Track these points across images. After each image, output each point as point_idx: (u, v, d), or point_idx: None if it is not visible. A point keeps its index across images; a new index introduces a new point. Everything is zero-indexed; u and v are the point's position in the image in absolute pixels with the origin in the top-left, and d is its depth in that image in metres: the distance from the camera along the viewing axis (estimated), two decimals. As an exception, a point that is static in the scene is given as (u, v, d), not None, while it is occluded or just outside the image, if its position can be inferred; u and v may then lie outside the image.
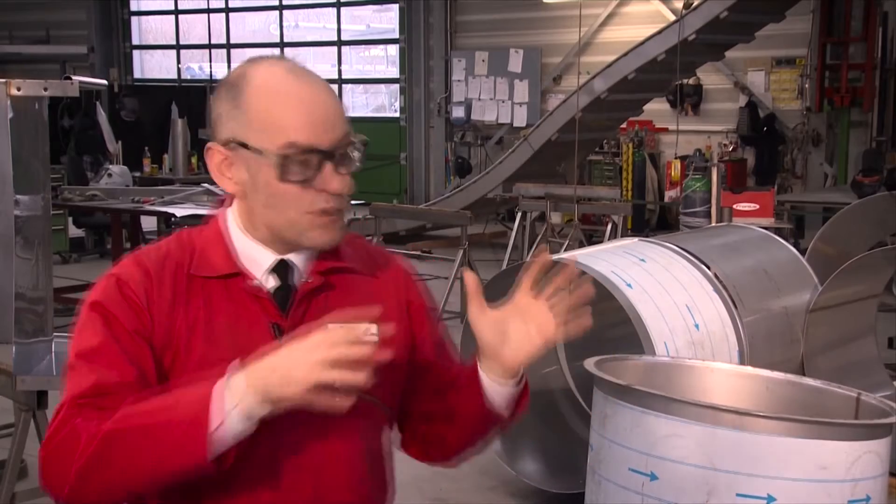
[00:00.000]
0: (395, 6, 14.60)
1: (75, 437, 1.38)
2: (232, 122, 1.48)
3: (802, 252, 4.72)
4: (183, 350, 1.49)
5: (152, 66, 17.57)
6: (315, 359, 1.33)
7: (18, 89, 3.05)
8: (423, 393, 1.67)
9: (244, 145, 1.47)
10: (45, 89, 3.12)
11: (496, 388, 1.58)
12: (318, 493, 1.52)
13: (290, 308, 1.52)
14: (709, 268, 3.92)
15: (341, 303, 1.53)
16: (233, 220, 1.55)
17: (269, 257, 1.53)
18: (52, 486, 1.41)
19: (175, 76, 16.96)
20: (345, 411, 1.36)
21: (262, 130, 1.46)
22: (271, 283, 1.53)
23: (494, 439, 1.75)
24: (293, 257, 1.54)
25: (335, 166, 1.48)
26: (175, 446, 1.35)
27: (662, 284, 3.69)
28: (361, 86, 15.76)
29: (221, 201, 1.61)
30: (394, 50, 14.88)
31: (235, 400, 1.35)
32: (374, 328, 1.37)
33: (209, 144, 1.52)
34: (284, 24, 15.78)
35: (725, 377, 1.80)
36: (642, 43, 9.56)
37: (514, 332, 1.54)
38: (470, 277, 1.55)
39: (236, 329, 1.49)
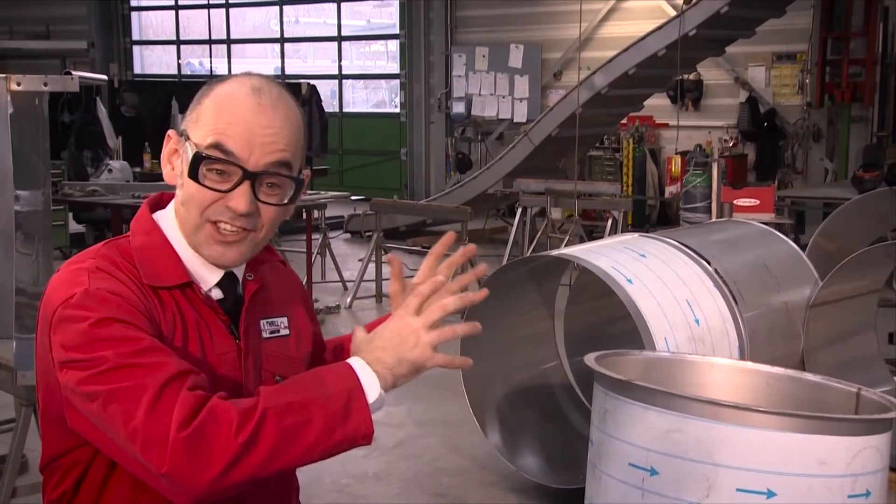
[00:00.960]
0: (396, 1, 14.59)
1: (225, 416, 1.31)
2: (189, 116, 1.52)
3: (803, 247, 4.72)
4: None
5: (152, 62, 17.56)
6: (428, 336, 1.39)
7: (18, 84, 3.05)
8: None
9: (187, 137, 1.49)
10: (45, 84, 3.12)
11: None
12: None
13: (242, 310, 1.56)
14: (709, 263, 3.92)
15: (266, 299, 1.61)
16: (172, 224, 1.54)
17: (215, 272, 1.54)
18: (197, 470, 1.30)
19: (175, 72, 16.95)
20: (469, 365, 1.43)
21: (202, 127, 1.48)
22: (216, 292, 1.56)
23: None
24: (236, 269, 1.58)
25: (254, 188, 1.45)
26: (341, 418, 1.35)
27: (663, 280, 3.69)
28: (362, 81, 15.75)
29: (153, 202, 1.59)
30: (394, 45, 14.87)
31: (381, 378, 1.40)
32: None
33: (169, 131, 1.56)
34: (285, 19, 15.76)
35: (726, 372, 1.80)
36: (643, 38, 9.55)
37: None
38: (394, 260, 1.58)
39: (200, 334, 1.51)
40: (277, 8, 15.70)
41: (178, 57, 17.00)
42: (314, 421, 1.34)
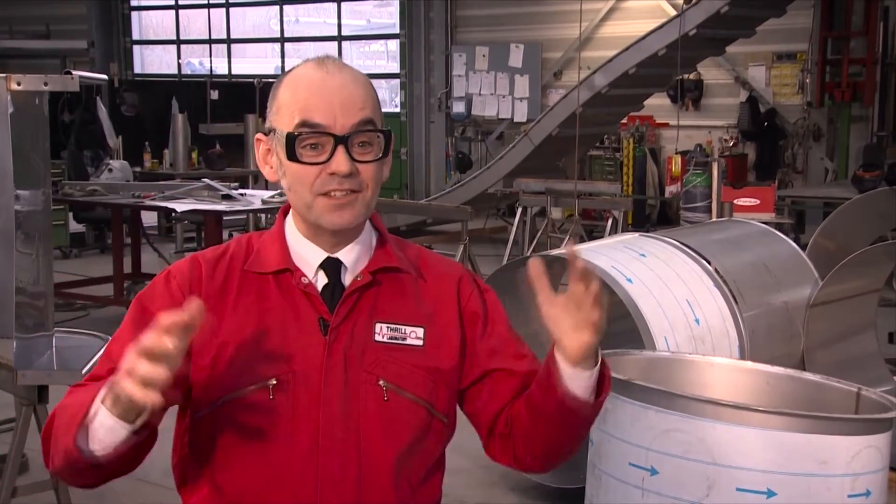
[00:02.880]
0: (396, 1, 14.58)
1: (51, 416, 1.50)
2: (269, 113, 1.58)
3: (803, 247, 4.72)
4: (232, 342, 1.53)
5: (152, 61, 17.55)
6: (129, 365, 1.33)
7: (18, 84, 3.04)
8: (491, 398, 1.64)
9: (274, 130, 1.55)
10: (46, 84, 3.11)
11: (572, 375, 1.51)
12: (361, 493, 1.53)
13: (337, 304, 1.55)
14: (709, 263, 3.92)
15: (389, 301, 1.59)
16: (290, 219, 1.62)
17: (318, 255, 1.58)
18: (46, 457, 1.51)
19: (175, 71, 16.94)
20: (155, 405, 1.32)
21: (284, 114, 1.54)
22: (322, 280, 1.58)
23: (586, 435, 1.67)
24: (343, 255, 1.58)
25: (348, 150, 1.51)
26: (69, 424, 1.42)
27: (663, 279, 3.69)
28: (362, 81, 15.74)
29: (288, 207, 1.65)
30: (394, 45, 14.86)
31: (104, 395, 1.38)
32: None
33: (257, 135, 1.62)
34: (285, 18, 15.75)
35: (726, 372, 1.80)
36: (643, 38, 9.54)
37: (568, 321, 1.50)
38: (535, 264, 1.48)
39: (285, 323, 1.54)
40: (278, 7, 15.70)
41: (179, 56, 17.00)
42: (63, 426, 1.44)
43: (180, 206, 6.83)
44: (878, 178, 8.51)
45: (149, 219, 9.05)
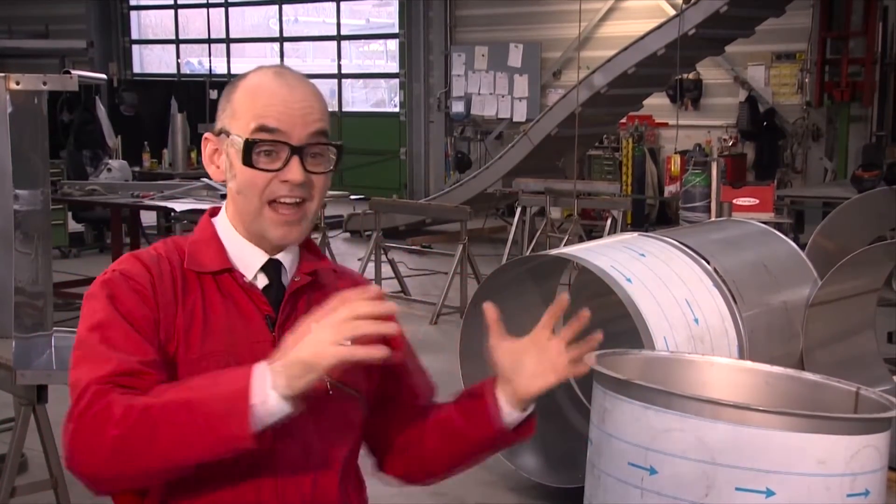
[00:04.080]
0: (395, 1, 14.58)
1: (110, 410, 1.37)
2: (222, 115, 1.61)
3: (802, 247, 4.72)
4: (183, 343, 1.54)
5: (151, 61, 17.56)
6: (332, 338, 1.37)
7: (17, 83, 3.04)
8: (398, 415, 1.72)
9: (227, 133, 1.59)
10: (44, 83, 3.11)
11: (510, 413, 1.63)
12: (316, 488, 1.57)
13: (281, 303, 1.60)
14: (708, 262, 3.92)
15: (323, 299, 1.56)
16: (225, 220, 1.64)
17: (260, 257, 1.62)
18: (83, 461, 1.39)
19: (174, 71, 16.94)
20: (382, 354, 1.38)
21: (240, 118, 1.57)
22: (262, 280, 1.62)
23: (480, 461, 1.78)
24: (282, 256, 1.63)
25: (302, 160, 1.55)
26: (218, 418, 1.36)
27: (662, 279, 3.69)
28: (361, 80, 15.75)
29: (214, 210, 1.69)
30: (393, 45, 14.87)
31: (274, 380, 1.37)
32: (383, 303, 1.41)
33: (205, 134, 1.66)
34: (284, 18, 15.76)
35: (725, 372, 1.80)
36: (642, 38, 9.55)
37: (528, 365, 1.61)
38: (489, 308, 1.63)
39: (232, 322, 1.57)
40: (277, 7, 15.70)
41: (178, 56, 17.00)
42: (192, 421, 1.36)
43: (179, 206, 6.83)
44: (878, 177, 8.52)
45: (148, 218, 9.05)
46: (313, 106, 1.57)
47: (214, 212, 1.69)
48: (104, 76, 11.43)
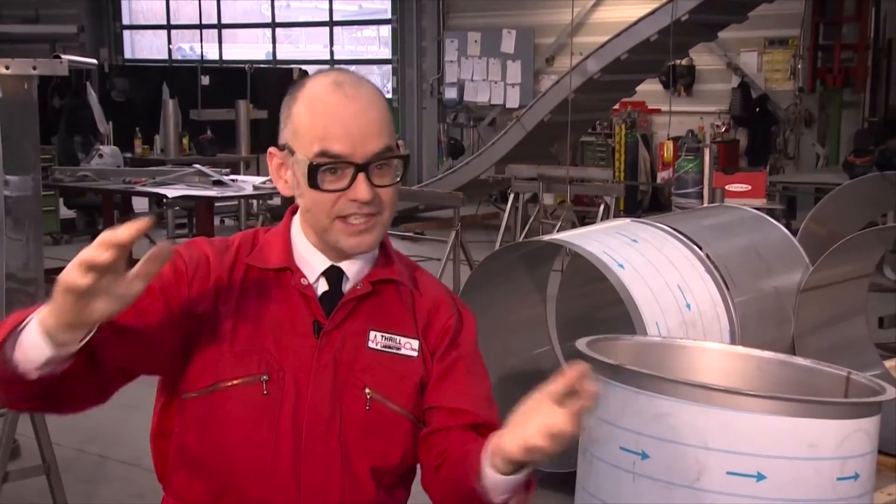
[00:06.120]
0: (388, -14, 14.54)
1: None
2: (285, 129, 1.57)
3: (794, 232, 4.72)
4: (228, 333, 1.53)
5: (143, 47, 17.46)
6: (77, 258, 1.28)
7: (7, 68, 3.03)
8: (435, 429, 1.60)
9: (291, 151, 1.55)
10: (35, 68, 3.10)
11: (490, 472, 1.44)
12: (344, 498, 1.54)
13: (334, 310, 1.57)
14: (701, 248, 3.92)
15: (386, 312, 1.60)
16: (297, 221, 1.63)
17: (322, 262, 1.60)
18: None
19: (166, 56, 16.86)
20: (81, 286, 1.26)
21: (302, 138, 1.53)
22: (323, 286, 1.59)
23: None
24: (346, 265, 1.60)
25: (368, 177, 1.52)
26: (2, 325, 1.35)
27: (654, 265, 3.70)
28: (353, 66, 15.70)
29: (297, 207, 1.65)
30: (386, 31, 14.81)
31: (43, 315, 1.31)
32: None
33: (270, 149, 1.62)
34: (276, 3, 15.68)
35: (717, 357, 1.81)
36: (635, 23, 9.53)
37: (519, 426, 1.41)
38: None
39: (281, 321, 1.56)
40: (268, -8, 15.63)
41: (169, 42, 16.91)
42: (3, 325, 1.35)
43: (171, 192, 6.81)
44: (869, 163, 8.53)
45: (140, 205, 9.02)
46: (374, 119, 1.53)
47: (296, 209, 1.66)
48: (95, 61, 11.36)
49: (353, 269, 1.60)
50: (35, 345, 1.31)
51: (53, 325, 1.30)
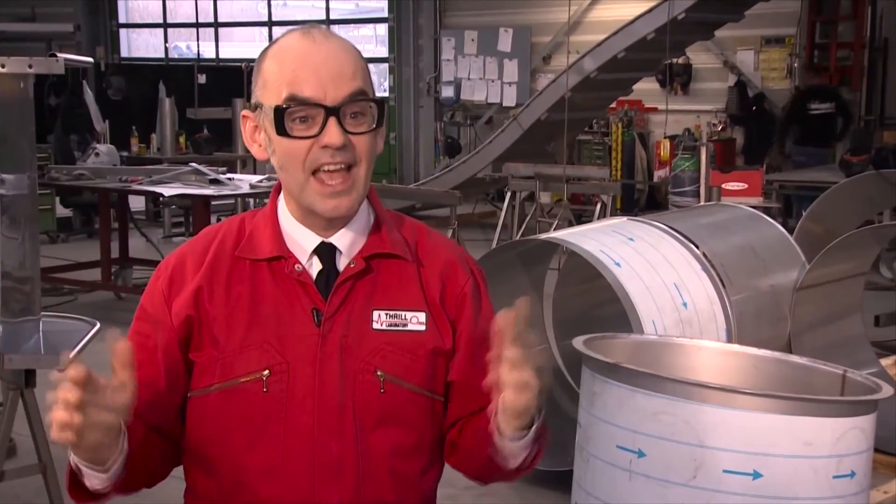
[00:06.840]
0: (384, -16, 14.52)
1: None
2: (255, 88, 1.50)
3: (790, 231, 4.73)
4: (224, 330, 1.49)
5: (139, 45, 17.43)
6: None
7: (3, 66, 3.03)
8: (456, 404, 1.57)
9: (260, 106, 1.49)
10: (30, 66, 3.09)
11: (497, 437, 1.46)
12: (360, 486, 1.50)
13: (330, 294, 1.50)
14: (697, 247, 3.93)
15: (386, 287, 1.52)
16: (282, 200, 1.55)
17: (312, 240, 1.52)
18: None
19: (162, 55, 16.84)
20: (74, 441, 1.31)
21: (271, 88, 1.47)
22: (317, 266, 1.52)
23: (500, 480, 1.62)
24: (336, 240, 1.52)
25: (340, 122, 1.44)
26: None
27: (651, 263, 3.70)
28: (350, 65, 15.68)
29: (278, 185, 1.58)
30: (383, 29, 14.80)
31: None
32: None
33: (243, 111, 1.55)
34: (273, 2, 15.67)
35: (713, 355, 1.81)
36: (632, 22, 9.53)
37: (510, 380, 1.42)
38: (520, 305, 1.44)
39: (279, 312, 1.49)
40: (265, -9, 15.62)
41: (166, 40, 16.89)
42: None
43: (168, 191, 6.81)
44: (866, 162, 8.54)
45: (136, 203, 9.02)
46: (345, 62, 1.45)
47: (280, 188, 1.57)
48: (91, 59, 11.35)
49: (344, 243, 1.52)
50: (88, 475, 1.39)
51: (85, 458, 1.37)
